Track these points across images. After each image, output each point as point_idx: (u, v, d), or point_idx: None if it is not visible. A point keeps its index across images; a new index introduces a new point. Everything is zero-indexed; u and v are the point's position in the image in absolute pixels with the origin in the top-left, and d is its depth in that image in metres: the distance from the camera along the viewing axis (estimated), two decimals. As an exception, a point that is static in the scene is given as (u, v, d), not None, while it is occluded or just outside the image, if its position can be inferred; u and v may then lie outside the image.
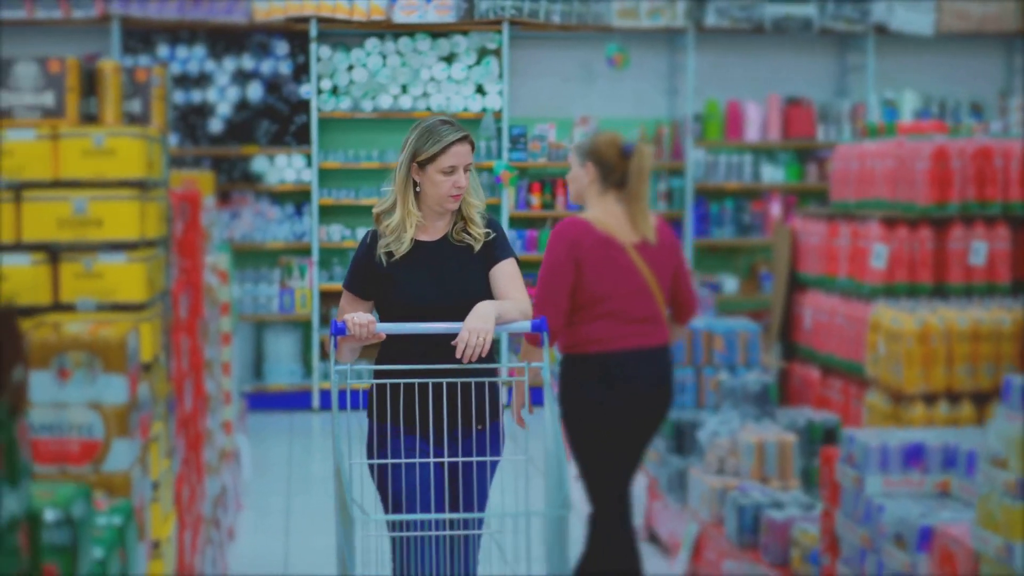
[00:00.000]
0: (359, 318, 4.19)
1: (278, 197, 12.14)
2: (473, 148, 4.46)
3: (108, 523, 2.75)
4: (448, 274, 4.42)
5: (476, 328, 4.15)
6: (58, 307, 3.81)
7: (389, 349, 4.40)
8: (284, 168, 12.01)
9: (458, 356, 4.13)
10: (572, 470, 6.07)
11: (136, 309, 3.83)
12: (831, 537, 4.89)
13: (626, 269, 5.36)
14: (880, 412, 7.24)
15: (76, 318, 3.76)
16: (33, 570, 2.19)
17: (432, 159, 4.39)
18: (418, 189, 4.42)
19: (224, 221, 11.70)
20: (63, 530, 2.26)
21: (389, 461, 4.31)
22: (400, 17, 11.85)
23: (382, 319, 4.37)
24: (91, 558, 2.47)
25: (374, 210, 4.49)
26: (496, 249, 4.46)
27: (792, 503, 5.87)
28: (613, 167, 5.36)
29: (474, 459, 4.35)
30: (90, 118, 4.24)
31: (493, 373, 4.46)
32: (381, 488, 4.37)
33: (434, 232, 4.48)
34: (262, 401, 11.76)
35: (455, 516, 3.84)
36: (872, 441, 4.57)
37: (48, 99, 4.12)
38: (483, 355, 4.15)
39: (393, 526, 4.25)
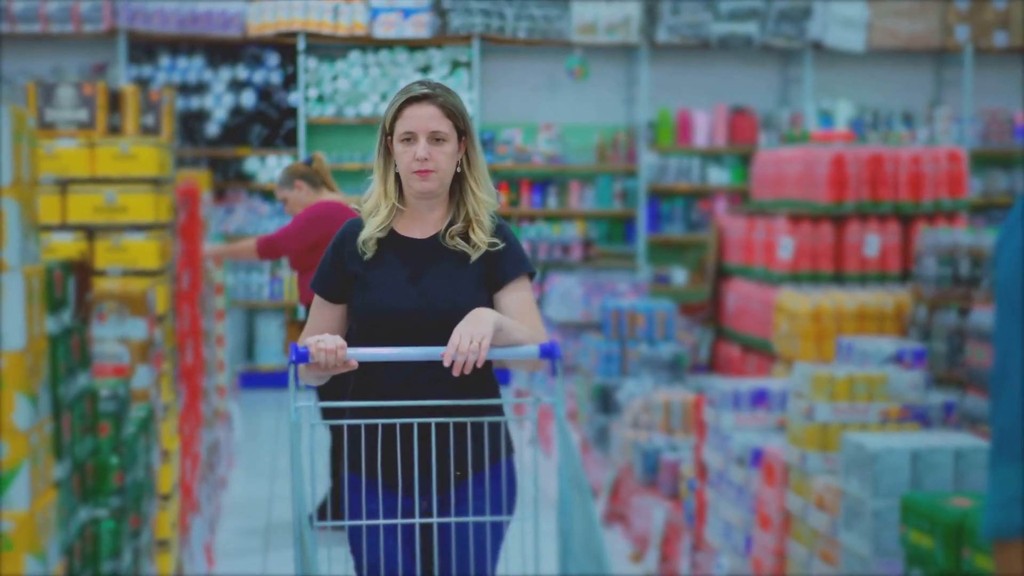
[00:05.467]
0: (325, 343, 3.39)
1: (269, 194, 13.34)
2: (449, 114, 3.57)
3: (137, 415, 3.99)
4: (434, 280, 3.58)
5: (470, 332, 3.35)
6: (93, 273, 5.04)
7: (364, 377, 3.60)
8: (274, 168, 13.20)
9: (447, 364, 3.34)
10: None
11: (152, 274, 5.09)
12: (700, 465, 6.12)
13: None
14: (782, 381, 8.46)
15: (108, 280, 4.99)
16: (94, 426, 3.42)
17: (392, 126, 3.60)
18: (397, 169, 3.61)
19: (220, 216, 12.90)
20: (112, 402, 3.49)
21: (364, 522, 3.55)
22: (380, 32, 13.08)
23: (353, 331, 3.64)
24: (129, 430, 3.71)
25: (359, 203, 3.71)
26: (504, 264, 3.59)
27: (685, 447, 7.10)
28: (312, 175, 7.02)
29: (470, 519, 3.55)
30: (115, 129, 5.48)
31: (495, 410, 3.63)
32: (355, 553, 3.59)
33: (423, 227, 3.64)
34: (253, 379, 12.97)
35: None
36: (727, 387, 5.81)
37: (83, 115, 5.36)
38: (478, 366, 3.35)
39: None
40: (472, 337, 3.34)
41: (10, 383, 2.68)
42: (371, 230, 3.60)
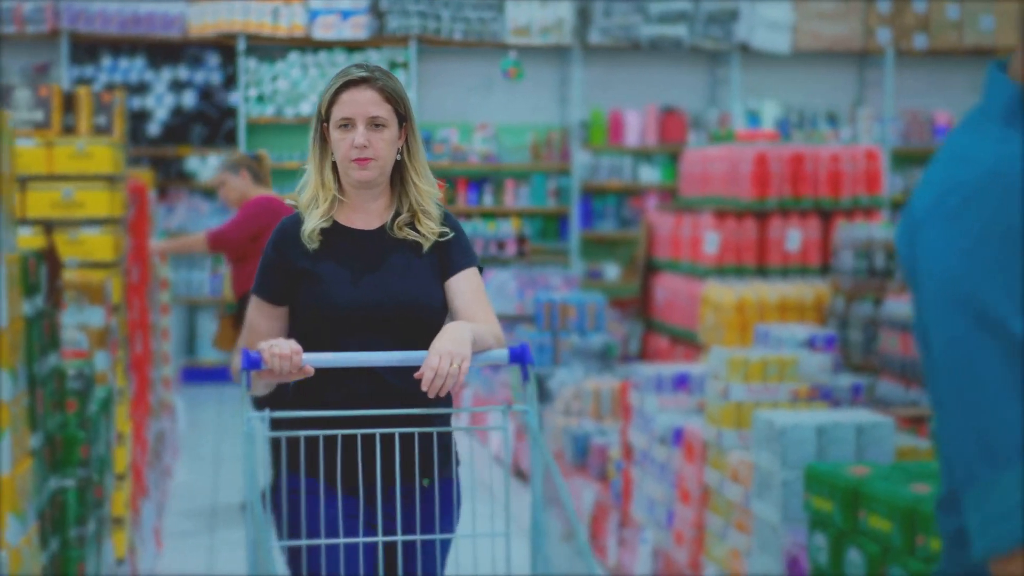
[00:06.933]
0: (280, 347, 3.14)
1: (209, 193, 13.59)
2: (389, 98, 3.36)
3: (99, 395, 4.28)
4: (390, 273, 3.38)
5: (450, 351, 3.11)
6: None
7: (307, 383, 3.31)
8: (215, 167, 13.45)
9: (425, 388, 3.08)
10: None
11: (107, 266, 5.38)
12: (626, 446, 6.47)
13: None
14: (707, 370, 8.83)
15: (66, 272, 5.27)
16: (62, 402, 3.72)
17: (328, 112, 3.39)
18: (335, 158, 3.40)
19: (161, 213, 13.14)
20: (79, 381, 3.79)
21: (323, 541, 3.25)
22: (319, 34, 13.38)
23: (297, 333, 3.35)
24: (93, 408, 4.01)
25: (294, 197, 3.48)
26: (454, 254, 3.40)
27: (613, 432, 7.44)
28: (257, 169, 7.46)
29: (436, 536, 3.35)
30: (69, 129, 5.76)
31: (449, 419, 3.45)
32: (294, 566, 3.30)
33: (367, 217, 3.42)
34: (195, 375, 13.24)
35: None
36: (651, 372, 6.16)
37: (39, 115, 5.64)
38: (455, 390, 3.14)
39: None
40: (452, 358, 3.09)
41: (-6, 358, 2.98)
42: (314, 221, 3.36)
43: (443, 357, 3.08)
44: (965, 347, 1.81)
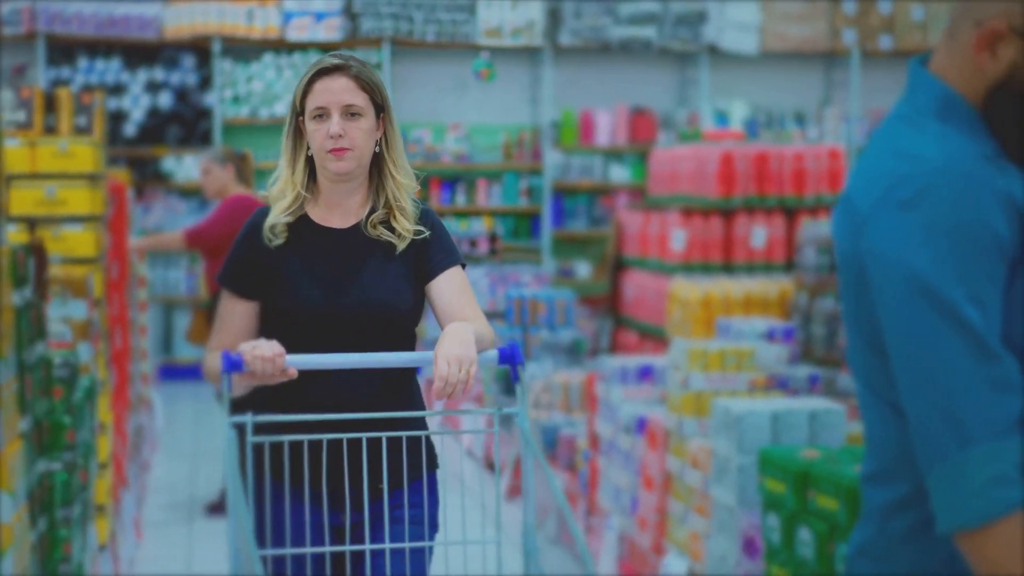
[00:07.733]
0: (262, 349, 3.03)
1: (185, 193, 13.75)
2: (365, 86, 3.26)
3: (83, 384, 4.46)
4: (363, 275, 3.27)
5: (458, 356, 2.99)
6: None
7: (281, 386, 3.14)
8: (191, 167, 13.60)
9: (437, 398, 2.98)
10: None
11: (89, 262, 5.56)
12: (593, 436, 6.68)
13: None
14: (674, 365, 9.04)
15: (50, 267, 5.45)
16: (49, 389, 3.90)
17: (303, 104, 3.29)
18: (311, 152, 3.30)
19: (138, 213, 13.29)
20: (64, 369, 3.97)
21: (308, 550, 3.14)
22: (293, 35, 13.56)
23: (266, 333, 3.23)
24: (78, 395, 4.19)
25: (267, 190, 3.38)
26: (434, 253, 3.29)
27: (582, 424, 7.64)
28: (241, 165, 7.66)
29: (424, 544, 3.27)
30: (50, 129, 5.94)
31: (424, 423, 3.37)
32: (276, 568, 3.21)
33: (344, 215, 3.32)
34: (172, 372, 13.40)
35: None
36: (616, 364, 6.36)
37: (21, 116, 5.82)
38: (464, 393, 2.98)
39: None
40: (461, 363, 2.97)
41: (-12, 345, 3.16)
42: (275, 214, 3.29)
43: (452, 363, 2.96)
44: (927, 333, 1.90)
